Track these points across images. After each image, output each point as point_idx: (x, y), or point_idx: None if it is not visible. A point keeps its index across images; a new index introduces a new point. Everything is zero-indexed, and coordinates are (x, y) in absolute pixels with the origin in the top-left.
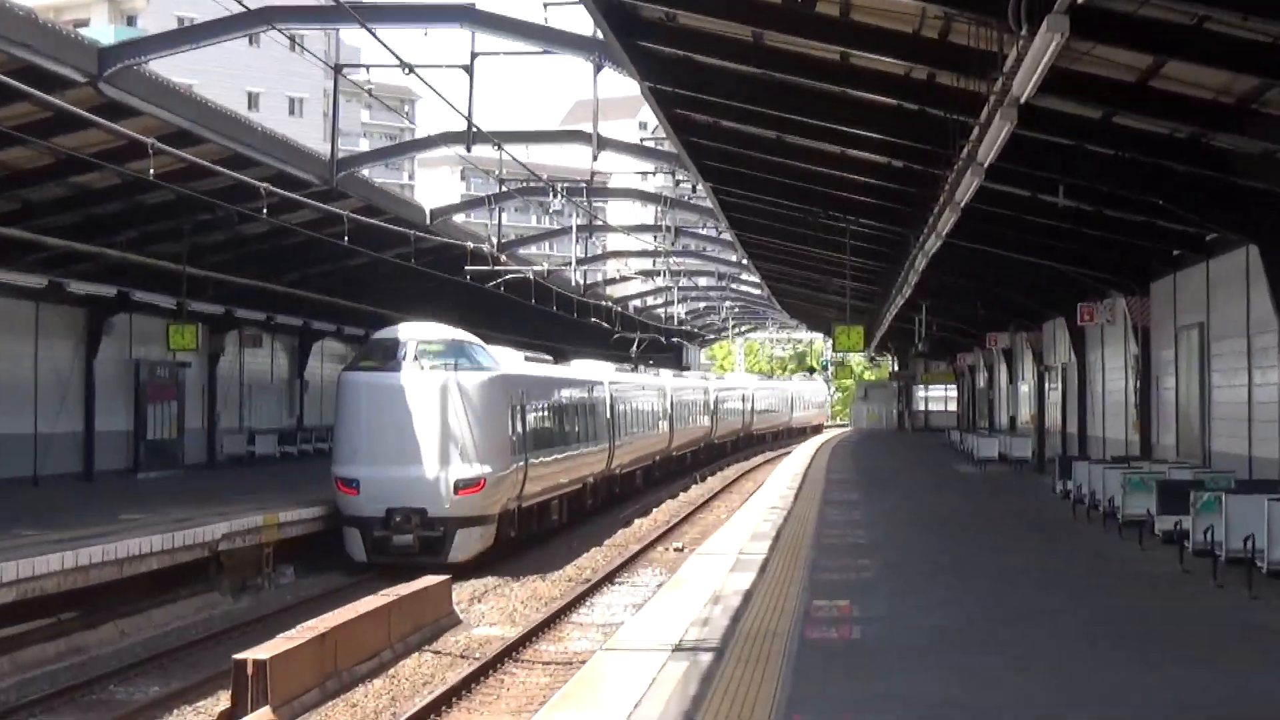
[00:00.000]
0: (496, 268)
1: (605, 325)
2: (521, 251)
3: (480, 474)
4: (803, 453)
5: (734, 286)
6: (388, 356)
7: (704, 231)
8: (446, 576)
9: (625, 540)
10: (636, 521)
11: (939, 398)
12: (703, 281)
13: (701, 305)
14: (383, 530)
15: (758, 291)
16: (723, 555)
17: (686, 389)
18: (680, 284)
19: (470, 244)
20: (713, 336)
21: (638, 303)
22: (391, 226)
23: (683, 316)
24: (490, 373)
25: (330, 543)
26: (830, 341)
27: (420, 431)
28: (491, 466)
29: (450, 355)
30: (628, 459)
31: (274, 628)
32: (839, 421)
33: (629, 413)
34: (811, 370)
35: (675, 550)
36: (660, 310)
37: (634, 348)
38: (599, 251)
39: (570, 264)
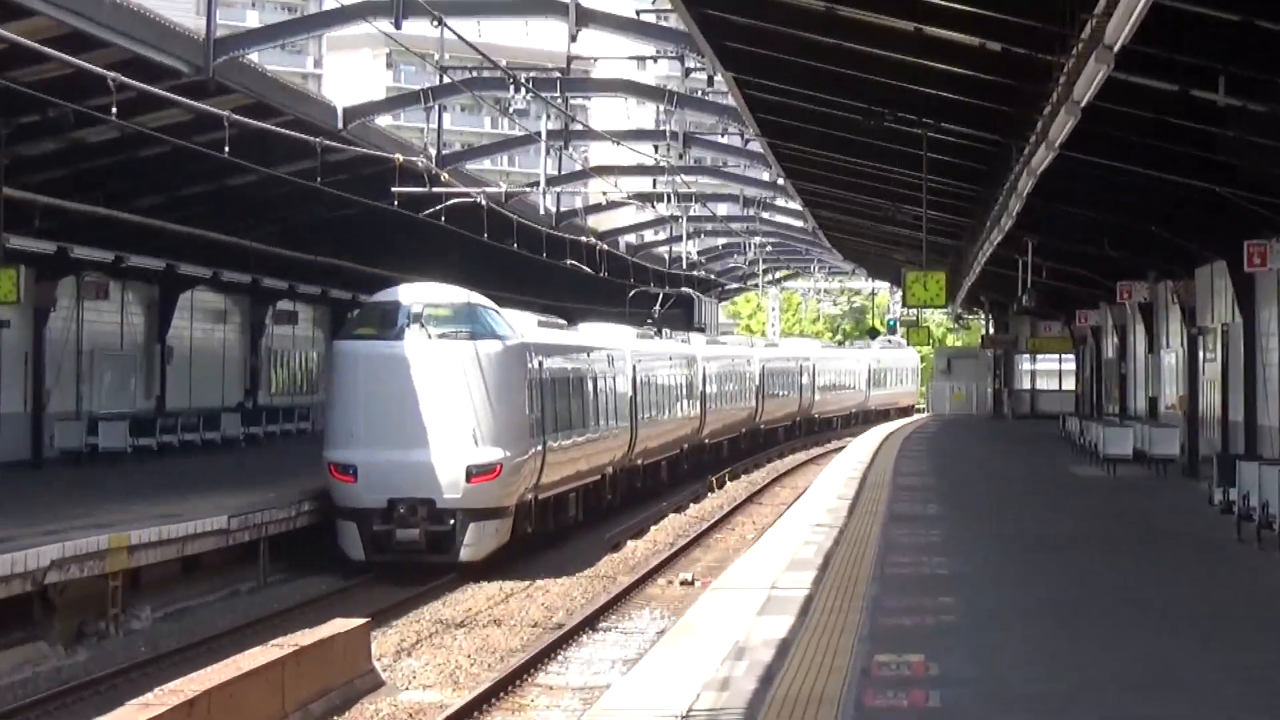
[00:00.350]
0: (436, 189)
1: (586, 269)
2: (470, 167)
3: (496, 459)
4: (861, 447)
5: (765, 217)
6: (388, 323)
7: (724, 140)
8: (365, 621)
9: (613, 568)
10: (631, 543)
11: (1050, 372)
12: (722, 209)
13: (720, 243)
14: (384, 524)
15: (798, 224)
16: (749, 590)
17: (724, 359)
18: (690, 212)
19: (399, 157)
20: (736, 286)
21: (631, 238)
22: (289, 133)
23: (694, 257)
24: (506, 341)
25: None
26: (899, 294)
27: (427, 409)
28: (509, 450)
29: (460, 321)
30: (653, 445)
31: (124, 691)
32: (892, 403)
33: (654, 389)
34: (873, 333)
35: (683, 584)
36: (662, 249)
37: (657, 305)
38: (578, 168)
39: (538, 185)
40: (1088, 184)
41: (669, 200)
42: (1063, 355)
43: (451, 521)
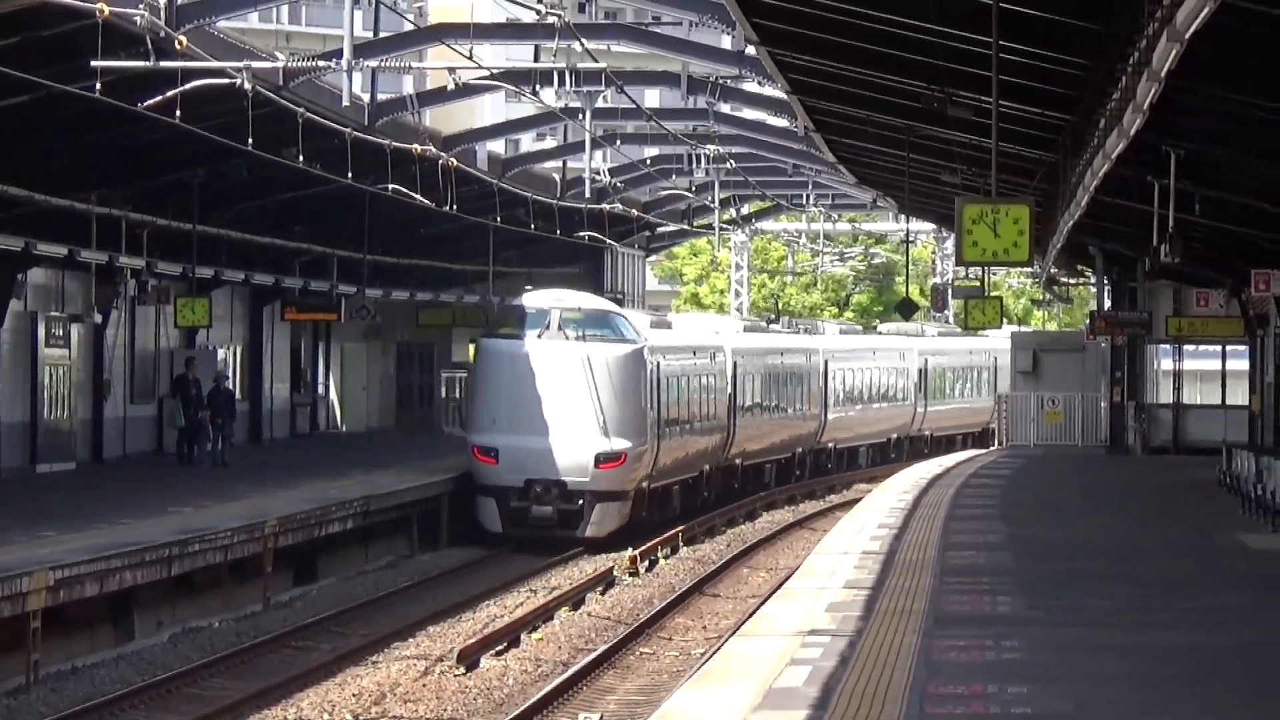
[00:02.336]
0: (167, 63)
1: (419, 199)
2: (227, 26)
3: (622, 448)
4: (878, 506)
5: (725, 111)
6: (530, 324)
7: None
8: None
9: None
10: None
11: (1208, 374)
12: (652, 99)
13: (649, 156)
14: (521, 501)
15: (780, 123)
16: None
17: (879, 352)
18: (600, 102)
19: (103, 6)
20: (674, 229)
21: (497, 148)
22: None
23: (604, 181)
24: (634, 345)
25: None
26: (950, 242)
27: (562, 402)
28: (632, 441)
29: (593, 325)
30: (754, 447)
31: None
32: (957, 424)
33: (757, 388)
34: (907, 307)
35: None
36: (551, 166)
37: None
38: (407, 28)
39: (338, 57)
40: (1268, 66)
41: (561, 82)
42: (1228, 345)
43: (580, 502)
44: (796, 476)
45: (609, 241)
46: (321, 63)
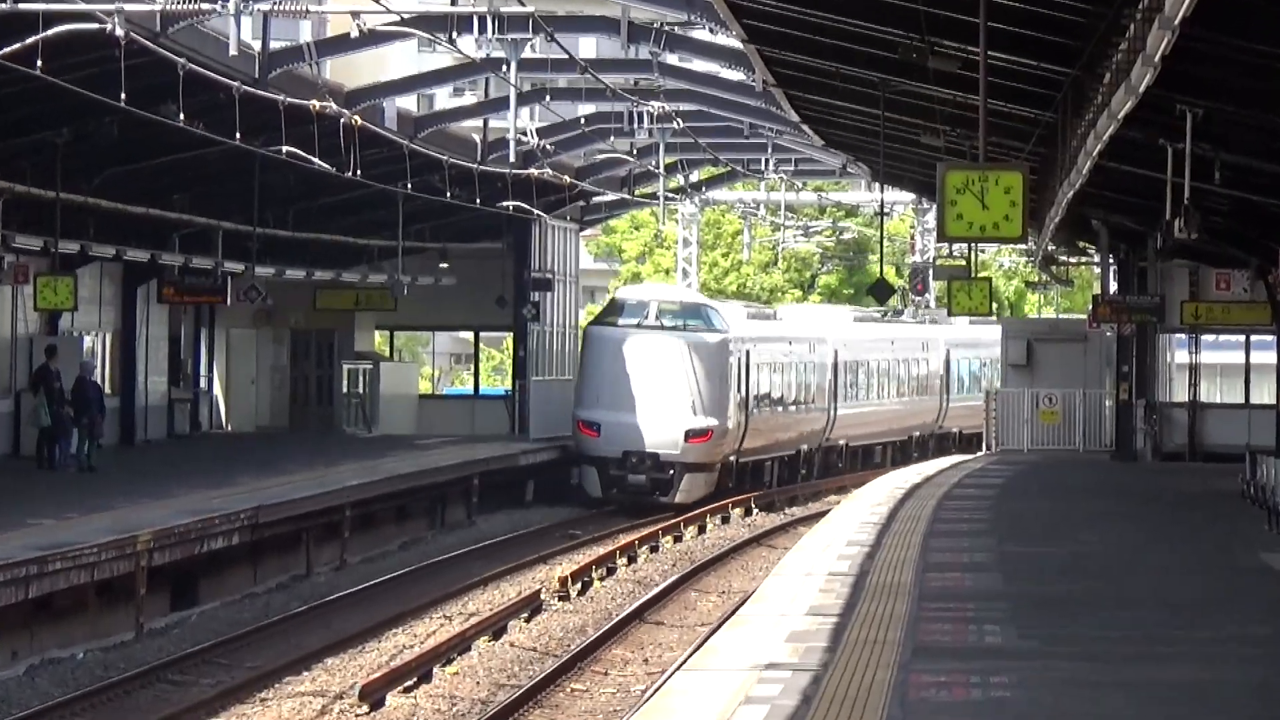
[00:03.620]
0: (20, 6)
1: (318, 163)
2: None
3: (708, 425)
4: (847, 520)
5: (673, 63)
6: (632, 314)
7: None
8: None
9: None
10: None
11: (1229, 368)
12: (588, 47)
13: (583, 114)
14: (619, 470)
15: (735, 77)
16: None
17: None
18: (527, 52)
19: None
20: (612, 199)
21: (408, 103)
22: None
23: (531, 143)
24: (722, 334)
25: None
26: (931, 215)
27: (657, 384)
28: (718, 420)
29: (687, 316)
30: (857, 431)
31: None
32: (943, 426)
33: (861, 376)
34: (880, 289)
35: None
36: (470, 125)
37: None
38: None
39: (226, 4)
40: None
41: (482, 29)
42: (1253, 335)
43: (671, 471)
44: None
45: (537, 213)
46: (205, 5)
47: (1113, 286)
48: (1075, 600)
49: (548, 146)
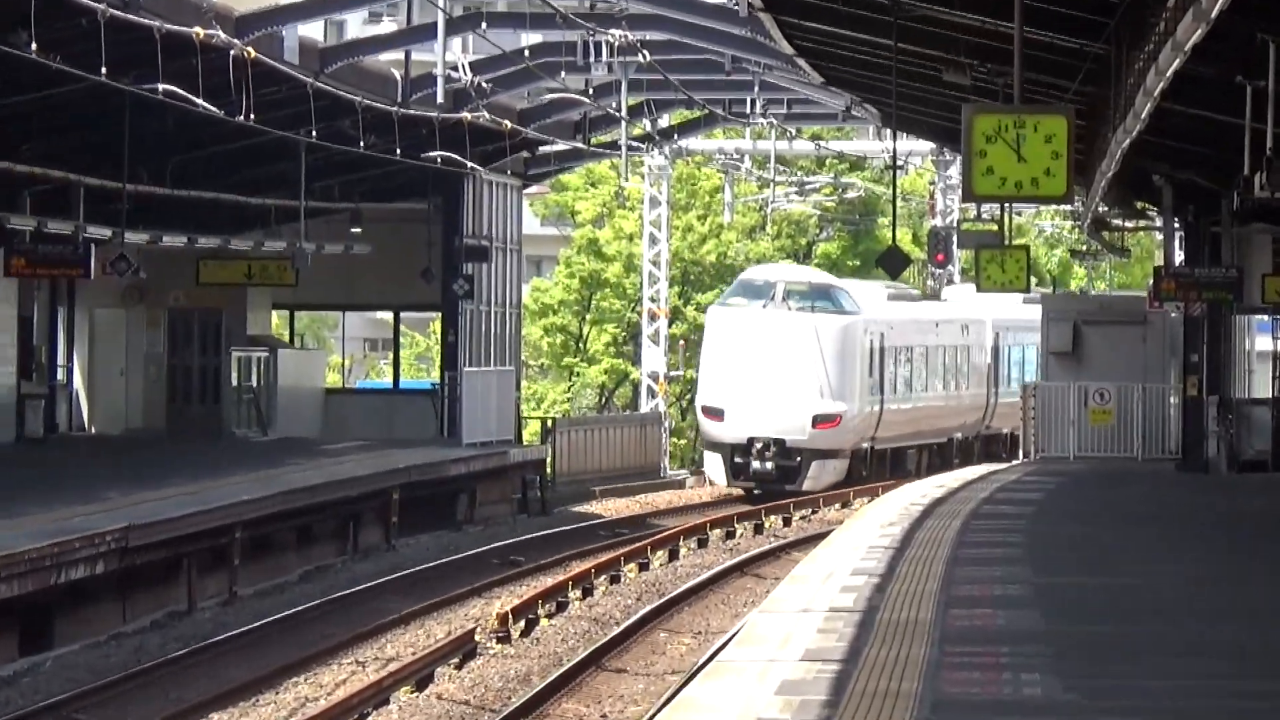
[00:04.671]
0: None
1: (202, 105)
2: None
3: (837, 411)
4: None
5: None
6: (757, 295)
7: None
8: None
9: None
10: None
11: None
12: None
13: (527, 46)
14: (743, 456)
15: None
16: None
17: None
18: None
19: None
20: (564, 148)
21: (310, 31)
22: None
23: (469, 80)
24: (851, 316)
25: None
26: (952, 168)
27: (784, 367)
28: (847, 405)
29: (815, 297)
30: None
31: None
32: (990, 427)
33: (1024, 361)
34: (893, 260)
35: None
36: (391, 58)
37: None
38: None
39: None
40: None
41: None
42: None
43: (798, 458)
44: None
45: (471, 166)
46: None
47: (1178, 257)
48: (1131, 645)
49: (484, 85)
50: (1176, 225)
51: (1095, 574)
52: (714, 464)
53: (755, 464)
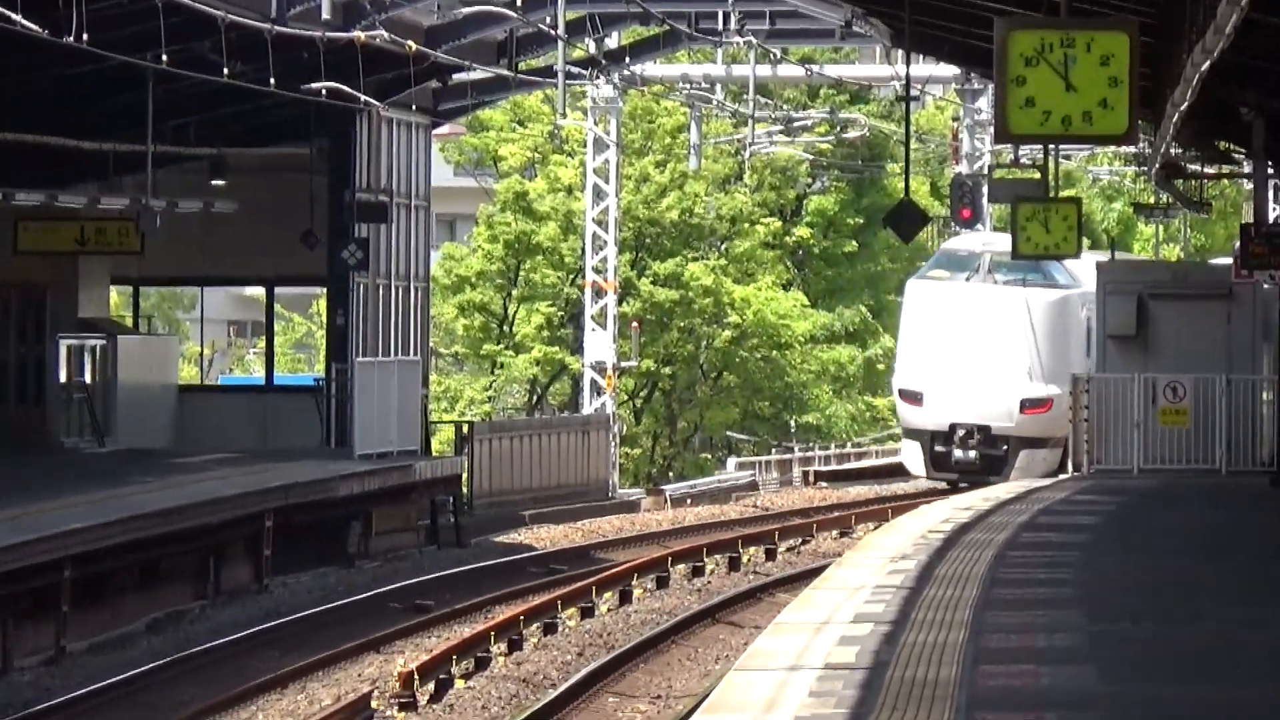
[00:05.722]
0: None
1: (15, 20)
2: None
3: (1048, 395)
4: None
5: None
6: (960, 268)
7: None
8: None
9: None
10: None
11: None
12: None
13: None
14: (944, 445)
15: None
16: None
17: None
18: None
19: None
20: (483, 76)
21: None
22: None
23: None
24: (1066, 290)
25: None
26: (981, 100)
27: (989, 347)
28: (1061, 388)
29: (1025, 269)
30: None
31: None
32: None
33: None
34: (907, 217)
35: None
36: None
37: None
38: None
39: None
40: None
41: None
42: None
43: (1004, 447)
44: None
45: (365, 99)
46: None
47: (1273, 212)
48: (1206, 709)
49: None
50: (1270, 172)
51: (1164, 621)
52: (912, 453)
53: (957, 453)
